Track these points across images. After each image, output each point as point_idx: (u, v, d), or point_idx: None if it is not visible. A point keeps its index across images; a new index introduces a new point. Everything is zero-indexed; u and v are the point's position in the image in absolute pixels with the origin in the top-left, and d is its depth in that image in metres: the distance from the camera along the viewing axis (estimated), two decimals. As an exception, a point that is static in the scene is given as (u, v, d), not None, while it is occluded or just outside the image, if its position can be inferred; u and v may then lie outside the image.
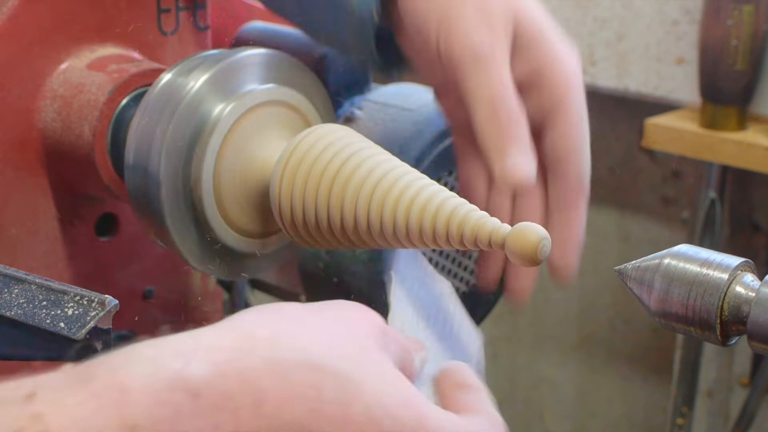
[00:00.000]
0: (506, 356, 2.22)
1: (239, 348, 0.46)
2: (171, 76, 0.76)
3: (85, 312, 0.58)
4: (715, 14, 1.62)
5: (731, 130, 1.66)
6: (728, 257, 0.57)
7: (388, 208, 0.68)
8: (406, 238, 0.67)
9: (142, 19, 0.86)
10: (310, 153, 0.72)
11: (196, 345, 0.46)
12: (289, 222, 0.73)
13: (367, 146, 0.72)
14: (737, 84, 1.64)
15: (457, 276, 1.01)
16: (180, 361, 0.44)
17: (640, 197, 1.93)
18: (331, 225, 0.71)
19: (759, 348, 0.55)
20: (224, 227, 0.76)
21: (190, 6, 0.89)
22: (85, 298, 0.58)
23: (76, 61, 0.82)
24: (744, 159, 1.63)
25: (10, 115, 0.79)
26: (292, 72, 0.79)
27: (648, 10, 1.76)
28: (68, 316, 0.58)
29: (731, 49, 1.62)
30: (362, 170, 0.69)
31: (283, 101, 0.78)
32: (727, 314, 0.56)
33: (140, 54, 0.85)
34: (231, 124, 0.75)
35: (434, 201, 0.66)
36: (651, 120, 1.68)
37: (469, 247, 0.65)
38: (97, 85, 0.80)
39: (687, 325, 0.57)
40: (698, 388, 1.88)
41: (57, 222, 0.84)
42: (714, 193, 1.76)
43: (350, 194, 0.69)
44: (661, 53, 1.76)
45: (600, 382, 2.11)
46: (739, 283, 0.56)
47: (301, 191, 0.71)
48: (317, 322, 0.51)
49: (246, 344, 0.46)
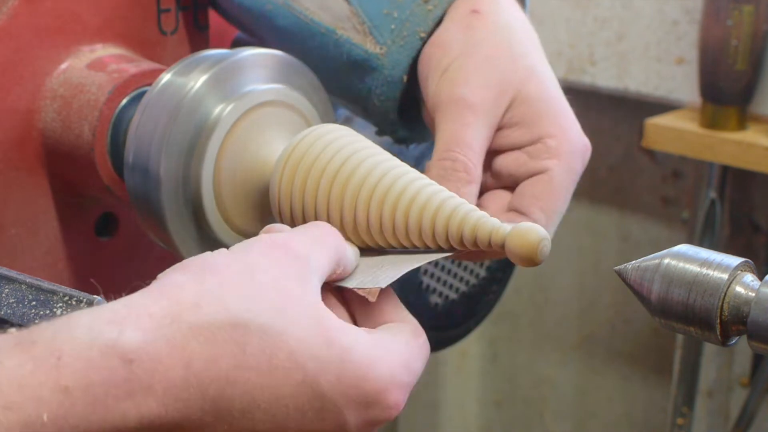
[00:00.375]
0: (506, 356, 2.22)
1: (167, 314, 0.51)
2: (171, 76, 0.76)
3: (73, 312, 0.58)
4: (715, 14, 1.62)
5: (731, 130, 1.66)
6: (728, 257, 0.57)
7: (387, 207, 0.68)
8: (405, 237, 0.67)
9: (142, 19, 0.86)
10: (310, 153, 0.72)
11: (128, 313, 0.50)
12: (289, 222, 0.73)
13: (367, 146, 0.72)
14: (737, 84, 1.64)
15: (457, 276, 1.01)
16: (114, 329, 0.49)
17: (640, 197, 1.93)
18: (330, 224, 0.71)
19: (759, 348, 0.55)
20: (224, 227, 0.76)
21: (189, 6, 0.89)
22: (73, 299, 0.59)
23: (76, 61, 0.82)
24: (744, 159, 1.63)
25: (10, 115, 0.79)
26: (291, 72, 0.79)
27: (648, 10, 1.76)
28: (56, 316, 0.59)
29: (731, 49, 1.62)
30: (362, 170, 0.69)
31: (283, 101, 0.78)
32: (727, 314, 0.56)
33: (140, 54, 0.85)
34: (231, 124, 0.75)
35: (434, 201, 0.66)
36: (651, 120, 1.68)
37: (469, 246, 0.65)
38: (97, 85, 0.80)
39: (687, 325, 0.57)
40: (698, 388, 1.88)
41: (57, 222, 0.84)
42: (714, 193, 1.76)
43: (350, 194, 0.69)
44: (661, 53, 1.76)
45: (600, 382, 2.11)
46: (739, 283, 0.56)
47: (301, 191, 0.71)
48: (240, 276, 0.55)
49: (173, 310, 0.51)
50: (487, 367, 2.25)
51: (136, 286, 0.54)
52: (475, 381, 2.25)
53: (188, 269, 0.55)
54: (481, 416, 2.26)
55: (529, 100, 0.75)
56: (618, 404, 2.11)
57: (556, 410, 2.19)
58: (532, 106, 0.75)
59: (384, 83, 0.79)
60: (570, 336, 2.13)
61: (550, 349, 2.16)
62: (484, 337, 2.22)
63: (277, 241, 0.59)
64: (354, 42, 0.80)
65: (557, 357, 2.15)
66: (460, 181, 0.73)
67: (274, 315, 0.53)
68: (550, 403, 2.19)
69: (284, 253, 0.58)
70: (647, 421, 2.08)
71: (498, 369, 2.23)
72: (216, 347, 0.51)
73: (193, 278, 0.54)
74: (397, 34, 0.78)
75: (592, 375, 2.13)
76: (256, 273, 0.55)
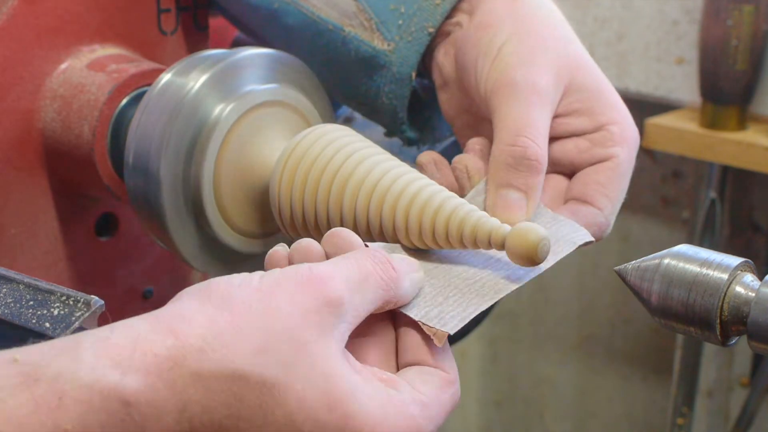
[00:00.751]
0: (506, 356, 2.22)
1: (171, 357, 0.50)
2: (171, 76, 0.76)
3: (70, 312, 0.59)
4: (715, 14, 1.62)
5: (731, 130, 1.66)
6: (728, 257, 0.57)
7: (387, 207, 0.68)
8: (405, 237, 0.67)
9: (141, 19, 0.86)
10: (310, 152, 0.72)
11: (132, 353, 0.50)
12: (289, 222, 0.73)
13: (367, 146, 0.72)
14: (737, 84, 1.64)
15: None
16: (117, 373, 0.49)
17: (640, 197, 1.93)
18: (330, 224, 0.71)
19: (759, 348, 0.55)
20: (224, 227, 0.76)
21: (190, 6, 0.89)
22: (71, 299, 0.59)
23: (76, 61, 0.82)
24: (744, 159, 1.63)
25: (10, 115, 0.79)
26: (291, 72, 0.79)
27: (648, 10, 1.76)
28: (54, 316, 0.59)
29: (731, 49, 1.62)
30: (361, 169, 0.69)
31: (283, 101, 0.78)
32: (727, 314, 0.56)
33: (140, 54, 0.85)
34: (231, 124, 0.75)
35: (434, 200, 0.66)
36: (651, 120, 1.68)
37: (469, 246, 0.65)
38: (97, 85, 0.80)
39: (687, 325, 0.57)
40: (698, 388, 1.88)
41: (57, 222, 0.84)
42: (714, 193, 1.76)
43: (350, 194, 0.69)
44: (661, 53, 1.76)
45: (600, 382, 2.11)
46: (739, 283, 0.56)
47: (301, 191, 0.71)
48: (255, 322, 0.53)
49: (178, 353, 0.51)
50: (487, 367, 2.25)
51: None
52: (475, 381, 2.25)
53: (207, 300, 0.54)
54: (481, 416, 2.26)
55: (586, 88, 0.73)
56: (618, 404, 2.11)
57: (556, 410, 2.19)
58: (590, 94, 0.73)
59: (392, 80, 0.79)
60: (570, 336, 2.13)
61: (550, 349, 2.16)
62: (484, 337, 2.22)
63: (313, 279, 0.55)
64: (362, 39, 0.79)
65: (557, 357, 2.15)
66: (531, 171, 0.69)
67: (279, 370, 0.52)
68: (550, 403, 2.19)
69: (315, 296, 0.55)
70: (647, 421, 2.08)
71: (498, 369, 2.24)
72: (213, 396, 0.51)
73: (207, 313, 0.53)
74: (405, 30, 0.78)
75: (592, 375, 2.13)
76: (274, 320, 0.53)
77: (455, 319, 0.60)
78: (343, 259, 0.58)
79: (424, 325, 0.60)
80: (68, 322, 0.58)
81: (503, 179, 0.69)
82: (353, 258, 0.58)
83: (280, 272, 0.56)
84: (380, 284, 0.58)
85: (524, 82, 0.71)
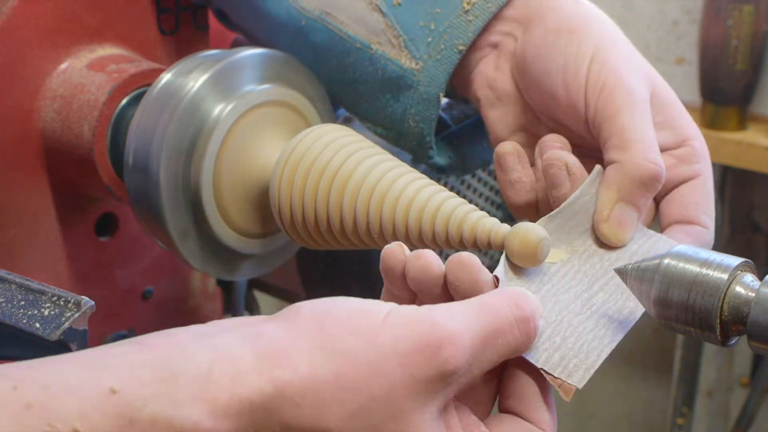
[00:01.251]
0: (506, 356, 2.22)
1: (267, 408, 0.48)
2: (171, 76, 0.76)
3: (60, 312, 0.58)
4: (715, 14, 1.62)
5: (731, 130, 1.66)
6: (728, 257, 0.57)
7: (387, 207, 0.68)
8: (405, 237, 0.67)
9: (141, 19, 0.86)
10: (310, 152, 0.72)
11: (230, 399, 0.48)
12: (289, 222, 0.73)
13: (367, 146, 0.72)
14: (737, 84, 1.64)
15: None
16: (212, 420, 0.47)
17: (640, 197, 1.93)
18: (330, 225, 0.71)
19: (759, 348, 0.55)
20: (224, 227, 0.76)
21: (189, 6, 0.89)
22: (61, 299, 0.59)
23: (76, 61, 0.82)
24: (744, 159, 1.63)
25: (10, 115, 0.79)
26: (291, 72, 0.79)
27: (648, 10, 1.76)
28: (44, 316, 0.58)
29: (731, 49, 1.62)
30: (361, 169, 0.69)
31: (283, 101, 0.78)
32: (727, 314, 0.56)
33: (140, 54, 0.85)
34: (231, 124, 0.75)
35: (434, 201, 0.66)
36: (651, 120, 1.68)
37: (469, 246, 0.65)
38: (96, 85, 0.80)
39: (687, 325, 0.57)
40: (698, 388, 1.88)
41: (57, 222, 0.84)
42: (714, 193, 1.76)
43: (349, 193, 0.69)
44: (661, 53, 1.76)
45: (600, 382, 2.11)
46: (739, 283, 0.56)
47: (301, 191, 0.71)
48: (359, 380, 0.50)
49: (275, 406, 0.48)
50: (487, 367, 2.24)
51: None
52: (475, 381, 2.25)
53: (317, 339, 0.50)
54: (481, 416, 2.25)
55: (666, 101, 0.71)
56: (618, 404, 2.11)
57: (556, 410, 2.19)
58: (670, 108, 0.71)
59: (419, 101, 0.76)
60: (570, 336, 2.12)
61: (550, 349, 2.16)
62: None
63: (433, 343, 0.50)
64: (389, 57, 0.76)
65: (557, 357, 2.15)
66: (653, 192, 0.67)
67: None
68: (550, 403, 2.19)
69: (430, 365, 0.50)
70: (647, 421, 2.08)
71: (498, 369, 2.23)
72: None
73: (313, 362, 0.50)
74: (434, 48, 0.75)
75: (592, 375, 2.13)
76: (378, 387, 0.50)
77: (579, 370, 0.56)
78: (474, 309, 0.53)
79: (548, 374, 0.55)
80: (58, 323, 0.58)
81: (630, 194, 0.66)
82: (486, 309, 0.53)
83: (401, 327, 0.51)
84: (511, 344, 0.54)
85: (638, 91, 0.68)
